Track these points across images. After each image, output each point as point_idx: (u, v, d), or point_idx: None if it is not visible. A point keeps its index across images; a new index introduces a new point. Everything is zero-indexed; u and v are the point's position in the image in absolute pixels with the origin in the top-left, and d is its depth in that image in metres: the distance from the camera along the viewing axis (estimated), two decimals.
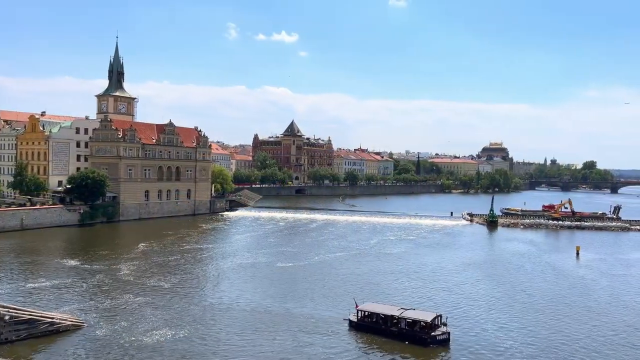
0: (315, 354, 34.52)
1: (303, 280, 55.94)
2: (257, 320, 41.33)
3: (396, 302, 45.29)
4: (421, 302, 46.65)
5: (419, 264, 66.53)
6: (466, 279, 58.71)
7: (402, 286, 54.15)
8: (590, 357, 35.34)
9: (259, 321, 41.01)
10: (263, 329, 39.27)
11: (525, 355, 35.31)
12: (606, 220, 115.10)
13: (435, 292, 52.04)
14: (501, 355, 35.08)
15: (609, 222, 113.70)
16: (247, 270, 60.25)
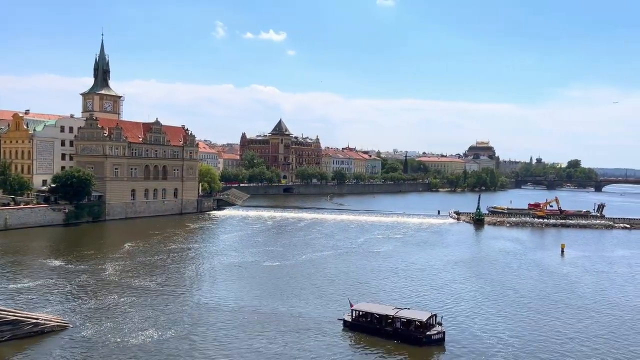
0: (310, 354, 34.43)
1: (291, 280, 55.83)
2: (246, 319, 41.14)
3: (387, 301, 45.54)
4: (411, 301, 46.79)
5: (407, 262, 66.79)
6: (454, 277, 59.13)
7: (391, 285, 54.31)
8: (580, 352, 35.77)
9: (248, 321, 40.82)
10: (253, 328, 39.10)
11: (517, 353, 35.53)
12: (590, 218, 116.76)
13: (424, 290, 52.27)
14: (495, 355, 35.10)
15: (593, 220, 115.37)
16: (233, 269, 60.00)
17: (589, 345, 37.28)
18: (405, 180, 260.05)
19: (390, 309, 39.38)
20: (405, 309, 39.66)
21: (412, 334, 36.90)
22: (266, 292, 49.88)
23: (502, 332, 39.60)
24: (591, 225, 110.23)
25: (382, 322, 38.25)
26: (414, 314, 38.68)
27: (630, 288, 55.89)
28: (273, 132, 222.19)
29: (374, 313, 39.10)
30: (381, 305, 41.52)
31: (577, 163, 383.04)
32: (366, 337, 37.77)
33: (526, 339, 38.20)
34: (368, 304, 41.75)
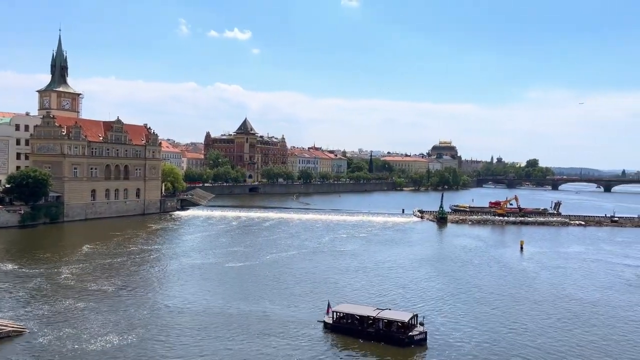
0: (292, 357, 33.92)
1: (257, 281, 55.26)
2: (213, 323, 40.29)
3: (358, 300, 45.52)
4: (381, 300, 46.89)
5: (374, 261, 67.28)
6: (420, 275, 59.87)
7: (360, 284, 54.37)
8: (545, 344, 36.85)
9: (215, 324, 39.97)
10: (222, 332, 38.30)
11: (493, 349, 36.17)
12: (548, 216, 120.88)
13: (392, 289, 52.58)
14: (474, 353, 35.40)
15: (550, 217, 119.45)
16: (196, 271, 58.86)
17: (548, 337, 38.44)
18: (371, 179, 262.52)
19: (371, 310, 39.11)
20: (387, 310, 39.46)
21: (394, 334, 36.67)
22: (232, 294, 49.22)
23: (472, 330, 39.99)
24: (548, 223, 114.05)
25: (364, 324, 37.93)
26: (396, 314, 38.55)
27: (584, 282, 58.04)
28: (238, 131, 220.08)
29: (355, 314, 38.80)
30: (362, 307, 41.26)
31: (536, 162, 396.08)
32: (348, 339, 37.33)
33: (495, 336, 38.83)
34: (348, 305, 41.38)
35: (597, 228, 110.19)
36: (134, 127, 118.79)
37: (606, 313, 45.85)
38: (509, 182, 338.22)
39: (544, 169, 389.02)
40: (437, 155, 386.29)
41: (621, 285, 56.87)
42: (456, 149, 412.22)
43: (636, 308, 47.67)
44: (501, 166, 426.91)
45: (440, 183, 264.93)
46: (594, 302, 49.59)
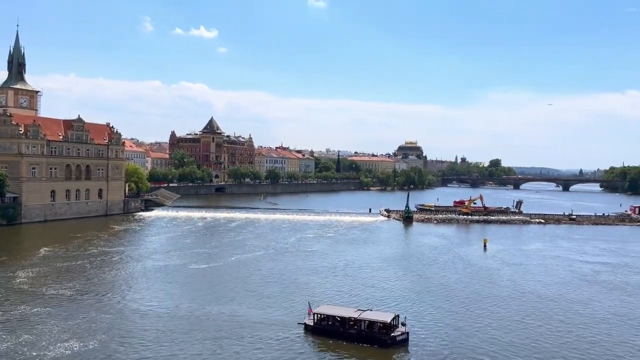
0: None
1: (223, 282, 54.59)
2: (180, 326, 39.24)
3: (330, 300, 45.27)
4: (353, 300, 46.81)
5: (342, 260, 67.38)
6: (389, 274, 60.26)
7: (330, 284, 54.17)
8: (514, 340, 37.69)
9: (183, 328, 38.95)
10: (192, 336, 37.41)
11: (467, 346, 36.74)
12: (510, 214, 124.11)
13: (363, 289, 52.57)
14: (455, 351, 35.71)
15: (512, 215, 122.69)
16: (159, 273, 57.44)
17: (514, 332, 39.45)
18: (338, 179, 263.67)
19: (352, 311, 38.91)
20: (368, 311, 39.33)
21: (376, 335, 36.51)
22: (199, 296, 48.29)
23: (445, 328, 40.32)
24: (510, 221, 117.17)
25: (346, 325, 37.69)
26: (378, 315, 38.46)
27: (544, 278, 59.80)
28: (204, 131, 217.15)
29: (337, 316, 38.52)
30: (343, 308, 41.13)
31: (498, 162, 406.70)
32: (329, 340, 37.03)
33: (467, 332, 39.45)
34: (329, 307, 41.12)
35: (556, 226, 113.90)
36: (96, 126, 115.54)
37: (565, 307, 47.38)
38: (473, 181, 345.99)
39: (506, 168, 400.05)
40: (403, 155, 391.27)
41: (578, 281, 58.95)
42: (422, 149, 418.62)
43: (592, 302, 49.50)
44: (465, 166, 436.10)
45: (407, 183, 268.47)
46: (553, 297, 51.17)
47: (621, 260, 72.75)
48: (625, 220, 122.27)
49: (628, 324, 42.76)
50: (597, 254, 78.13)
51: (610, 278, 60.64)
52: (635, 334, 40.32)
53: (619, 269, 66.54)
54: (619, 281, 59.06)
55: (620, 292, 53.65)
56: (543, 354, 35.64)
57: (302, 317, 40.59)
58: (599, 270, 64.93)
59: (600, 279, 59.87)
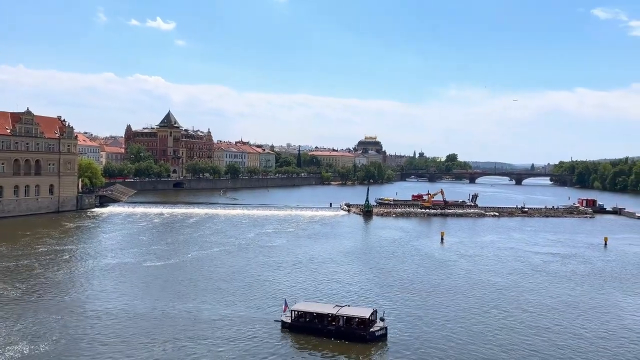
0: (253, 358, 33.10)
1: (180, 280, 53.40)
2: (139, 327, 38.16)
3: (295, 296, 45.04)
4: (317, 296, 46.85)
5: (304, 255, 67.29)
6: (351, 268, 60.63)
7: (294, 280, 53.84)
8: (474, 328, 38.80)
9: (143, 328, 37.92)
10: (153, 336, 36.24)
11: (437, 337, 37.54)
12: (466, 208, 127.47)
13: (327, 284, 52.58)
14: (432, 345, 36.09)
15: (468, 209, 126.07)
16: (112, 272, 55.57)
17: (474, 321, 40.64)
18: (299, 173, 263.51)
19: (330, 307, 38.72)
20: (346, 306, 39.24)
21: (354, 331, 36.48)
22: (156, 295, 47.13)
23: (416, 321, 40.93)
24: (467, 214, 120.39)
25: (324, 321, 37.48)
26: (356, 310, 38.43)
27: (497, 268, 61.75)
28: (161, 125, 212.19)
29: (314, 312, 38.21)
30: (320, 304, 40.98)
31: (455, 157, 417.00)
32: (308, 337, 36.72)
33: (436, 325, 40.14)
34: (306, 303, 40.85)
35: (509, 218, 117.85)
36: (47, 119, 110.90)
37: (516, 296, 49.17)
38: (431, 176, 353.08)
39: (462, 163, 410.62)
40: (363, 150, 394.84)
41: (529, 270, 61.25)
42: (381, 144, 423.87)
43: (541, 291, 51.55)
44: (423, 161, 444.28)
45: (366, 177, 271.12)
46: (506, 286, 52.99)
47: (569, 250, 76.06)
48: (573, 213, 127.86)
49: (574, 312, 44.75)
50: (547, 245, 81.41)
51: (559, 268, 63.31)
52: (580, 321, 42.25)
53: (567, 259, 69.55)
54: (567, 271, 61.76)
55: (567, 281, 56.12)
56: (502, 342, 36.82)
57: (275, 314, 40.35)
58: (549, 261, 67.68)
59: (549, 269, 62.41)
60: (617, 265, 65.65)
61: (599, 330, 40.20)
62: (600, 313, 44.62)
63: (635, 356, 35.20)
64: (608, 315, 44.10)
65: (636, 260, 69.39)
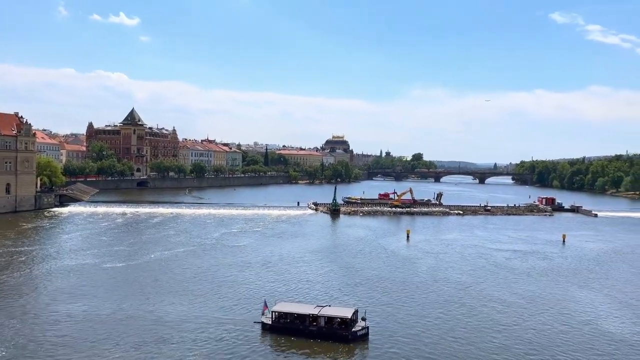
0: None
1: (144, 282, 52.13)
2: (98, 331, 36.84)
3: (268, 296, 44.39)
4: (288, 296, 46.43)
5: (272, 255, 66.72)
6: (320, 267, 60.53)
7: (263, 280, 53.03)
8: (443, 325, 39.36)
9: (102, 333, 36.64)
10: (118, 341, 35.24)
11: (414, 334, 37.89)
12: (431, 206, 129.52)
13: (297, 283, 52.20)
14: (412, 344, 36.31)
15: (433, 207, 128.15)
16: (71, 274, 53.54)
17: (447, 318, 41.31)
18: (266, 172, 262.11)
19: (311, 308, 38.43)
20: (327, 306, 39.04)
21: (336, 331, 36.31)
22: (120, 297, 45.72)
23: (388, 319, 41.15)
24: (432, 213, 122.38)
25: (305, 322, 37.14)
26: (337, 310, 38.26)
27: (461, 265, 63.02)
28: (125, 122, 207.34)
29: (296, 313, 37.82)
30: (301, 305, 40.68)
31: (420, 156, 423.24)
32: (289, 338, 36.29)
33: (409, 323, 40.49)
34: (287, 304, 40.41)
35: (473, 217, 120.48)
36: (3, 116, 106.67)
37: (478, 292, 50.32)
38: (397, 175, 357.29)
39: (427, 162, 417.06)
40: (330, 149, 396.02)
41: (491, 267, 62.79)
42: (348, 143, 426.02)
43: (503, 287, 52.91)
44: (389, 160, 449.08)
45: (334, 176, 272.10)
46: (468, 283, 54.18)
47: (529, 247, 78.35)
48: (533, 211, 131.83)
49: (533, 306, 46.12)
50: (509, 242, 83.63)
51: (520, 264, 65.14)
52: (540, 315, 43.55)
53: (527, 255, 71.63)
54: (527, 267, 63.60)
55: (527, 277, 57.78)
56: (472, 339, 37.52)
57: (251, 315, 39.93)
58: (510, 257, 69.54)
59: (510, 266, 64.13)
60: (573, 261, 68.05)
61: (556, 323, 41.53)
62: (557, 307, 46.11)
63: (590, 347, 36.59)
64: (565, 309, 45.60)
65: (591, 256, 72.14)
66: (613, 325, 41.53)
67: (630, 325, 41.87)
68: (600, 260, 69.59)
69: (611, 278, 58.86)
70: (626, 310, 46.05)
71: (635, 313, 45.28)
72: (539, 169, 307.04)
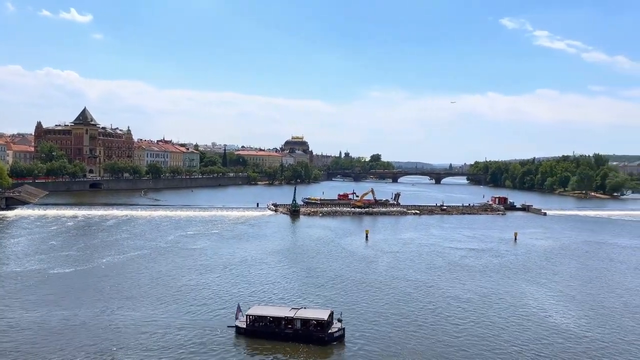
0: None
1: (96, 287, 50.29)
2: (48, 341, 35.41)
3: (232, 301, 43.94)
4: (253, 299, 45.63)
5: (232, 257, 65.75)
6: (281, 269, 60.06)
7: (225, 283, 51.99)
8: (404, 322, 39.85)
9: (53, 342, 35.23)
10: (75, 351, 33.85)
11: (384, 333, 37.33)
12: (389, 206, 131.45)
13: (260, 286, 51.47)
14: (387, 343, 36.54)
15: (391, 207, 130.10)
16: (14, 280, 51.03)
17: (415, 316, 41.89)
18: (225, 173, 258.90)
19: (287, 310, 38.10)
20: (302, 309, 38.77)
21: (312, 333, 36.14)
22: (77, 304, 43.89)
23: (357, 318, 41.44)
24: (390, 213, 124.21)
25: (281, 325, 36.74)
26: (313, 312, 38.04)
27: (417, 264, 64.20)
28: (76, 122, 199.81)
29: (271, 316, 37.35)
30: (277, 307, 40.27)
31: (379, 157, 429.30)
32: (264, 342, 35.74)
33: (383, 323, 40.80)
34: (261, 307, 39.88)
35: (429, 216, 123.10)
36: None
37: (436, 290, 51.49)
38: (356, 175, 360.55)
39: (385, 163, 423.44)
40: (290, 149, 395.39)
41: (447, 265, 64.32)
42: (308, 144, 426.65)
43: (458, 284, 54.28)
44: (349, 160, 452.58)
45: (293, 177, 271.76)
46: (423, 281, 55.34)
47: (483, 245, 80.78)
48: (487, 210, 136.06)
49: (487, 303, 47.56)
50: (464, 240, 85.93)
51: (474, 262, 67.04)
52: (494, 311, 44.98)
53: (481, 253, 73.84)
54: (481, 264, 65.55)
55: (481, 274, 59.55)
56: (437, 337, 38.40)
57: (221, 319, 39.29)
58: (465, 256, 71.45)
59: (465, 263, 65.91)
60: (524, 258, 70.63)
61: (510, 317, 43.06)
62: (509, 302, 47.84)
63: (538, 337, 38.11)
64: (516, 304, 47.28)
65: (541, 253, 75.12)
66: (559, 317, 43.49)
67: (574, 317, 43.92)
68: (549, 256, 72.55)
69: (558, 273, 61.49)
70: (571, 303, 48.24)
71: (578, 306, 47.53)
72: (492, 169, 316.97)
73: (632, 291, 53.45)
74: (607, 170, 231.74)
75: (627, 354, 35.99)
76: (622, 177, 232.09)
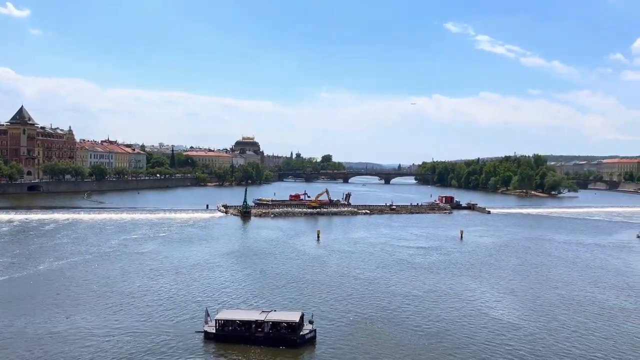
0: None
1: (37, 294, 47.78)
2: None
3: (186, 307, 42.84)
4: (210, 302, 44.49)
5: (182, 261, 63.79)
6: (235, 271, 59.03)
7: (175, 288, 50.04)
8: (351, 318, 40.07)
9: None
10: None
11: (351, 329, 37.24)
12: (340, 206, 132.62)
13: (214, 290, 50.11)
14: (355, 340, 36.70)
15: (342, 207, 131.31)
16: None
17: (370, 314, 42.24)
18: (173, 175, 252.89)
19: (257, 314, 37.31)
20: (273, 311, 38.15)
21: (284, 336, 35.67)
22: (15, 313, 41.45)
23: (324, 319, 41.15)
24: (341, 213, 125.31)
25: (251, 328, 35.99)
26: (284, 315, 37.55)
27: (367, 263, 65.04)
28: (12, 121, 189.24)
29: (240, 320, 36.50)
30: (247, 311, 39.47)
31: (329, 158, 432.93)
32: (234, 346, 34.82)
33: (350, 322, 40.85)
34: (231, 311, 39.01)
35: (379, 216, 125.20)
36: None
37: (383, 288, 52.32)
38: (307, 176, 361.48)
39: (336, 163, 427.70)
40: (240, 150, 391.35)
41: (394, 264, 65.54)
42: (259, 145, 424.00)
43: (407, 282, 55.47)
44: (300, 161, 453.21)
45: (244, 178, 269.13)
46: (374, 279, 56.20)
47: (430, 243, 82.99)
48: (434, 209, 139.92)
49: (434, 299, 48.87)
50: (412, 239, 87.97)
51: (422, 260, 68.74)
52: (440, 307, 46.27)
53: (428, 251, 75.83)
54: (428, 262, 67.29)
55: (428, 272, 61.15)
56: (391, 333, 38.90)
57: (182, 325, 38.21)
58: (413, 254, 73.13)
59: (413, 261, 67.45)
60: (469, 255, 73.08)
61: (455, 313, 44.39)
62: (454, 297, 49.41)
63: (480, 330, 39.64)
64: (460, 299, 48.92)
65: (485, 250, 78.01)
66: (500, 311, 45.28)
67: (515, 310, 45.88)
68: (492, 253, 75.46)
69: (501, 269, 64.08)
70: (511, 297, 50.40)
71: (519, 300, 49.67)
72: (439, 169, 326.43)
73: (567, 284, 56.46)
74: (545, 170, 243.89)
75: (562, 342, 38.00)
76: (559, 177, 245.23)
